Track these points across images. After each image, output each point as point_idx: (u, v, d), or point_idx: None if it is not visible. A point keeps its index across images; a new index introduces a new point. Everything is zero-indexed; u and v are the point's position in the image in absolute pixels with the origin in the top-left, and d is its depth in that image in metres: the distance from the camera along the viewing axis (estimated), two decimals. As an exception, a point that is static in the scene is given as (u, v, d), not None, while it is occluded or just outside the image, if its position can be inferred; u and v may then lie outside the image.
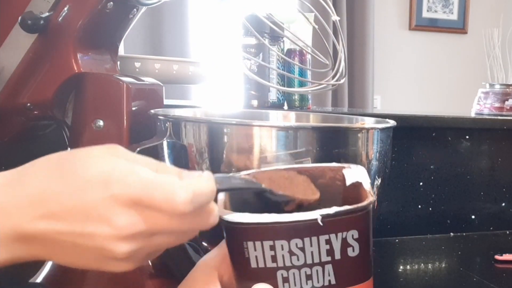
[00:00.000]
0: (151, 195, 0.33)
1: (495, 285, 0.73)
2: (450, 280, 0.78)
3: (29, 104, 0.62)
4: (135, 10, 0.66)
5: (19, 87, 0.62)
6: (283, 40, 0.93)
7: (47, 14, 0.59)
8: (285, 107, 0.97)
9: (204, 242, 0.57)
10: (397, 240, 0.95)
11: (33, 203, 0.32)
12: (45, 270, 0.64)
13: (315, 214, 0.34)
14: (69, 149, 0.64)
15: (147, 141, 0.54)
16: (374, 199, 0.36)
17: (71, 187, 0.32)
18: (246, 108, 0.91)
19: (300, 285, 0.36)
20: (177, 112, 0.65)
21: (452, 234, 1.02)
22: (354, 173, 0.43)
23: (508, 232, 1.03)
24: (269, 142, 0.49)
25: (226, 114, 0.75)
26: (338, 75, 0.74)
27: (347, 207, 0.35)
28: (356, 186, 0.41)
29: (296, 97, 0.97)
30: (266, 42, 0.88)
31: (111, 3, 0.60)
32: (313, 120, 0.75)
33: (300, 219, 0.34)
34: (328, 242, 0.35)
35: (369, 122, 0.67)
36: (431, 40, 2.96)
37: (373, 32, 2.73)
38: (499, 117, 1.10)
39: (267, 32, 0.89)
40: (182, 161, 0.54)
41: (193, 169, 0.53)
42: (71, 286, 0.61)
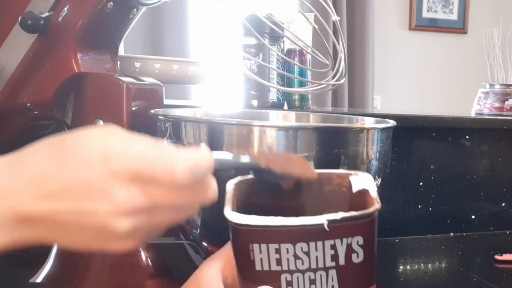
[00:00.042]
0: (150, 168, 0.33)
1: (495, 285, 0.73)
2: (450, 280, 0.78)
3: (29, 104, 0.62)
4: (135, 10, 0.66)
5: (19, 87, 0.62)
6: (283, 40, 0.93)
7: (47, 14, 0.59)
8: (285, 107, 0.97)
9: (204, 242, 0.57)
10: (397, 240, 0.95)
11: (32, 184, 0.32)
12: (45, 270, 0.64)
13: (322, 219, 0.34)
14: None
15: (147, 141, 0.54)
16: (380, 206, 0.37)
17: (70, 166, 0.32)
18: (246, 108, 0.91)
19: None
20: (177, 112, 0.65)
21: (452, 234, 1.02)
22: (361, 180, 0.43)
23: (508, 232, 1.03)
24: (269, 142, 0.49)
25: (226, 114, 0.75)
26: (338, 75, 0.74)
27: (353, 213, 0.35)
28: (363, 193, 0.42)
29: (296, 97, 0.97)
30: (266, 42, 0.88)
31: (111, 3, 0.60)
32: (313, 120, 0.75)
33: (307, 223, 0.34)
34: (333, 247, 0.35)
35: (369, 122, 0.67)
36: (431, 40, 2.96)
37: (373, 32, 2.73)
38: (499, 117, 1.10)
39: (267, 32, 0.89)
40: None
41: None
42: (71, 286, 0.61)
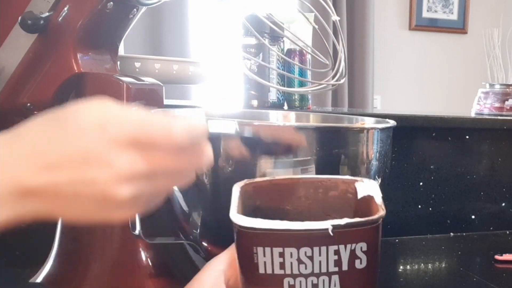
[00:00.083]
0: (148, 132, 0.33)
1: (495, 285, 0.73)
2: (450, 280, 0.78)
3: (29, 104, 0.62)
4: (135, 10, 0.66)
5: (19, 87, 0.62)
6: (283, 40, 0.93)
7: (47, 14, 0.59)
8: (285, 107, 0.97)
9: (204, 242, 0.57)
10: (397, 240, 0.95)
11: (32, 157, 0.32)
12: (45, 270, 0.64)
13: (326, 224, 0.35)
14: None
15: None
16: (385, 213, 0.37)
17: (68, 137, 0.32)
18: (246, 108, 0.91)
19: None
20: (177, 112, 0.65)
21: (452, 234, 1.02)
22: (366, 187, 0.43)
23: (508, 232, 1.03)
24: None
25: (226, 114, 0.75)
26: (338, 75, 0.74)
27: (358, 219, 0.35)
28: (368, 200, 0.42)
29: (296, 97, 0.97)
30: (266, 42, 0.88)
31: (111, 3, 0.60)
32: (313, 120, 0.75)
33: (311, 228, 0.35)
34: (336, 252, 0.35)
35: (369, 122, 0.67)
36: (431, 40, 2.96)
37: (373, 32, 2.73)
38: (499, 117, 1.10)
39: (267, 32, 0.89)
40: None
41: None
42: (71, 286, 0.61)
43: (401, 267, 0.83)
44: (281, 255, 0.35)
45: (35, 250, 0.68)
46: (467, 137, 1.04)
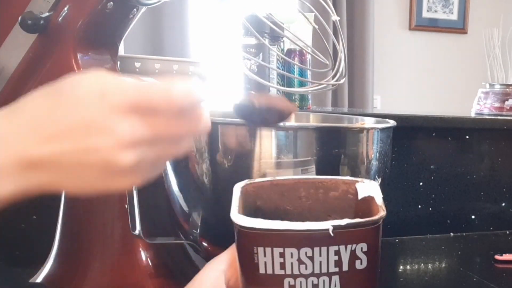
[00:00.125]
0: (148, 97, 0.33)
1: (495, 285, 0.73)
2: (450, 280, 0.78)
3: (29, 104, 0.62)
4: (135, 10, 0.66)
5: (19, 87, 0.62)
6: (283, 40, 0.93)
7: (47, 14, 0.59)
8: (285, 107, 0.97)
9: (204, 242, 0.57)
10: (397, 240, 0.95)
11: (33, 128, 0.32)
12: (45, 270, 0.64)
13: (327, 225, 0.35)
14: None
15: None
16: (385, 214, 0.37)
17: (69, 107, 0.32)
18: (246, 108, 0.91)
19: None
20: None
21: (452, 234, 1.02)
22: (367, 188, 0.43)
23: (508, 232, 1.03)
24: (269, 142, 0.49)
25: (226, 114, 0.74)
26: (338, 75, 0.74)
27: (359, 220, 0.35)
28: (368, 201, 0.42)
29: (296, 97, 0.97)
30: (266, 42, 0.88)
31: (111, 3, 0.60)
32: (313, 120, 0.75)
33: (312, 228, 0.35)
34: (337, 253, 0.35)
35: (369, 122, 0.67)
36: (431, 40, 2.96)
37: (373, 32, 2.73)
38: (499, 117, 1.10)
39: (267, 32, 0.89)
40: (182, 162, 0.54)
41: (193, 169, 0.53)
42: (71, 286, 0.61)
43: (401, 267, 0.83)
44: (282, 255, 0.35)
45: (35, 250, 0.68)
46: (467, 137, 1.04)
